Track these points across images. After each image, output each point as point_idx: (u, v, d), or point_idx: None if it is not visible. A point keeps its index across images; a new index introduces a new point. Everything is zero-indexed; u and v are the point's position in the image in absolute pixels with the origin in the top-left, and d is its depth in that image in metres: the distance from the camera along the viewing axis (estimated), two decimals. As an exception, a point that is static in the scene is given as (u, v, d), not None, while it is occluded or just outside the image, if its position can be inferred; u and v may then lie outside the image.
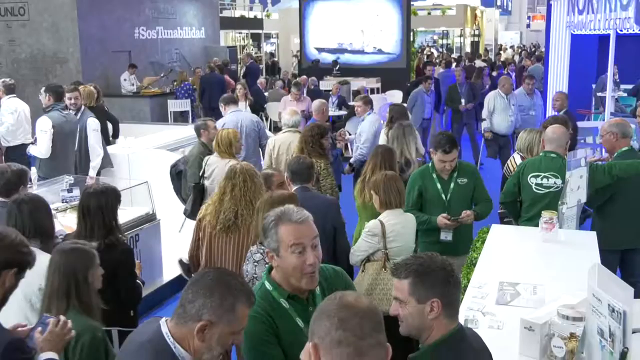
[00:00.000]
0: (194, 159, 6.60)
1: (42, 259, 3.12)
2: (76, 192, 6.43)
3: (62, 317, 2.82)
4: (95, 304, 3.10)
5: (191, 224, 5.11)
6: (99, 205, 3.92)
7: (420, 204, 5.06)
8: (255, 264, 3.72)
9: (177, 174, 6.87)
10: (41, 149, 7.25)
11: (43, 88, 7.69)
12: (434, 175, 5.05)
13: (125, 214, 6.02)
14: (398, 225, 4.39)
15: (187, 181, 6.59)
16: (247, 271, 3.76)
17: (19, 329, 2.85)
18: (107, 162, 7.91)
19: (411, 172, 5.58)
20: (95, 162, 7.69)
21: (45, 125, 7.25)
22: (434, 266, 2.36)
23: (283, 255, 2.61)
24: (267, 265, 2.85)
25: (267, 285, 2.71)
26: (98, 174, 7.67)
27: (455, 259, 4.57)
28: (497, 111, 10.21)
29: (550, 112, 11.27)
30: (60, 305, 2.96)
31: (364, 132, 7.94)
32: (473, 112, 12.32)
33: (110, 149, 8.24)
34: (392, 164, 5.38)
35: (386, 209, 4.43)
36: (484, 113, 10.46)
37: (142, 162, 7.81)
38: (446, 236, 4.97)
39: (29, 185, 4.60)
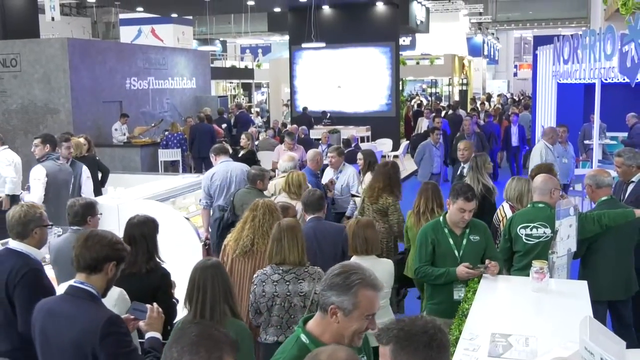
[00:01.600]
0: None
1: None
2: (64, 242, 6.38)
3: (155, 305, 3.46)
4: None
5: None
6: (143, 234, 4.42)
7: (433, 259, 4.87)
8: (275, 283, 4.21)
9: (229, 226, 6.55)
10: (34, 197, 7.31)
11: (38, 139, 7.75)
12: (446, 230, 4.86)
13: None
14: None
15: None
16: (265, 291, 4.20)
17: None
18: None
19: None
20: None
21: (39, 174, 7.42)
22: (415, 330, 2.25)
23: (355, 317, 2.61)
24: (301, 317, 2.84)
25: (304, 338, 2.68)
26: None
27: None
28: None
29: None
30: (224, 309, 3.56)
31: (354, 184, 8.05)
32: None
33: (99, 199, 8.21)
34: (440, 199, 5.96)
35: (354, 254, 4.75)
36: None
37: (132, 213, 7.73)
38: (460, 295, 4.69)
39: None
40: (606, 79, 9.81)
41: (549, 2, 39.21)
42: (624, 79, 8.60)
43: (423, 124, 17.83)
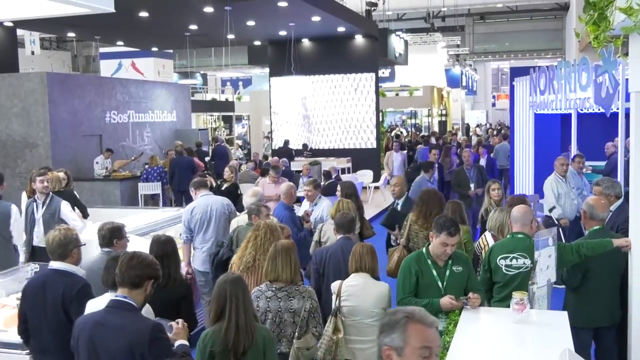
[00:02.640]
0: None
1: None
2: (41, 280, 6.26)
3: (181, 320, 3.93)
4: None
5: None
6: (173, 250, 5.05)
7: (416, 290, 4.84)
8: (268, 299, 4.67)
9: (224, 262, 6.59)
10: None
11: None
12: (429, 262, 4.86)
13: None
14: (354, 287, 4.97)
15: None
16: (259, 306, 4.62)
17: None
18: None
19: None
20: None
21: None
22: None
23: (407, 356, 2.51)
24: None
25: None
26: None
27: None
28: (560, 195, 9.06)
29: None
30: (250, 315, 3.93)
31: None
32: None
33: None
34: (462, 215, 6.61)
35: (350, 272, 5.10)
36: (550, 199, 9.05)
37: (111, 248, 7.67)
38: (442, 326, 4.61)
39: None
40: (582, 109, 9.96)
41: (525, 34, 39.93)
42: (599, 109, 8.72)
43: (393, 159, 17.49)
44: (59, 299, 4.38)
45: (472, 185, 10.98)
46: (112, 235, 5.30)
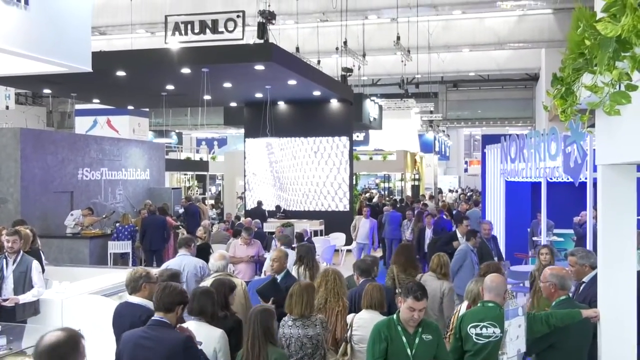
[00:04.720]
0: None
1: (211, 332, 5.05)
2: (2, 341, 6.08)
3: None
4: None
5: None
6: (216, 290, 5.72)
7: (385, 357, 4.82)
8: (290, 327, 5.58)
9: None
10: None
11: None
12: (399, 328, 4.86)
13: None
14: (363, 320, 5.72)
15: None
16: (284, 333, 5.56)
17: None
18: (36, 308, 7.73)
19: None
20: (33, 293, 7.59)
21: None
22: None
23: None
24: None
25: None
26: (24, 321, 7.43)
27: None
28: None
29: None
30: (260, 340, 4.76)
31: None
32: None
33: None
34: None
35: (363, 308, 5.87)
36: None
37: (76, 309, 7.51)
38: None
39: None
40: (551, 178, 10.14)
41: (496, 102, 40.92)
42: (568, 179, 8.88)
43: (360, 224, 17.20)
44: (126, 327, 4.96)
45: (495, 259, 9.92)
46: (171, 279, 5.96)
